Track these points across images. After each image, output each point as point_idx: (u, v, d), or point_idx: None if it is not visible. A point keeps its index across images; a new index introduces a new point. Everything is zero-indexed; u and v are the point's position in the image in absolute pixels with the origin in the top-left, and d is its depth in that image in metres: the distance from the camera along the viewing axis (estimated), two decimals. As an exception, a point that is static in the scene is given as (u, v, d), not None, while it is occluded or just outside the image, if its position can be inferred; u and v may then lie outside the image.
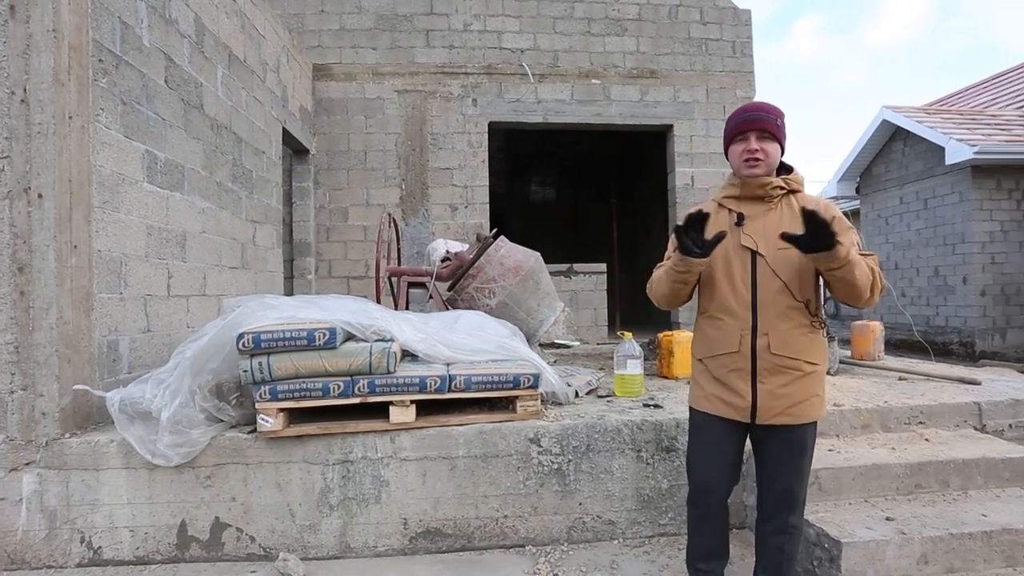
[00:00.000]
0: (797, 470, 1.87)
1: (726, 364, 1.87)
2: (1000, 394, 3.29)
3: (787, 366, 1.80)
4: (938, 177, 9.27)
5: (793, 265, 1.79)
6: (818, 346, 1.85)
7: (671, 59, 6.56)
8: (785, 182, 1.88)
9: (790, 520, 1.89)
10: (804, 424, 1.84)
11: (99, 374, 2.76)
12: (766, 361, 1.80)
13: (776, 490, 1.89)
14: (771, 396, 1.81)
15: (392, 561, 2.63)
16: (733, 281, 1.85)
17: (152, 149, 3.22)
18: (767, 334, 1.80)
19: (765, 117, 1.86)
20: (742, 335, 1.83)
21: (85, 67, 2.74)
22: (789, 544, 1.90)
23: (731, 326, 1.85)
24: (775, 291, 1.80)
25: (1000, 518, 2.43)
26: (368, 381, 2.62)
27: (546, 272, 4.25)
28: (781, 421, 1.82)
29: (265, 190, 4.81)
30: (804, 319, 1.81)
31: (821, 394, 1.87)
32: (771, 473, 1.90)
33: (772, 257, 1.81)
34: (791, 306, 1.80)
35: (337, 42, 6.18)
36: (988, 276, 8.80)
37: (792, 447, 1.85)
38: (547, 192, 12.06)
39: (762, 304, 1.81)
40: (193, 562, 2.57)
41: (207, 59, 3.86)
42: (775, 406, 1.81)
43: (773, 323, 1.80)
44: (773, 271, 1.80)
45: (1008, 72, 12.18)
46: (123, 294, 2.95)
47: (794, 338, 1.80)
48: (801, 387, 1.81)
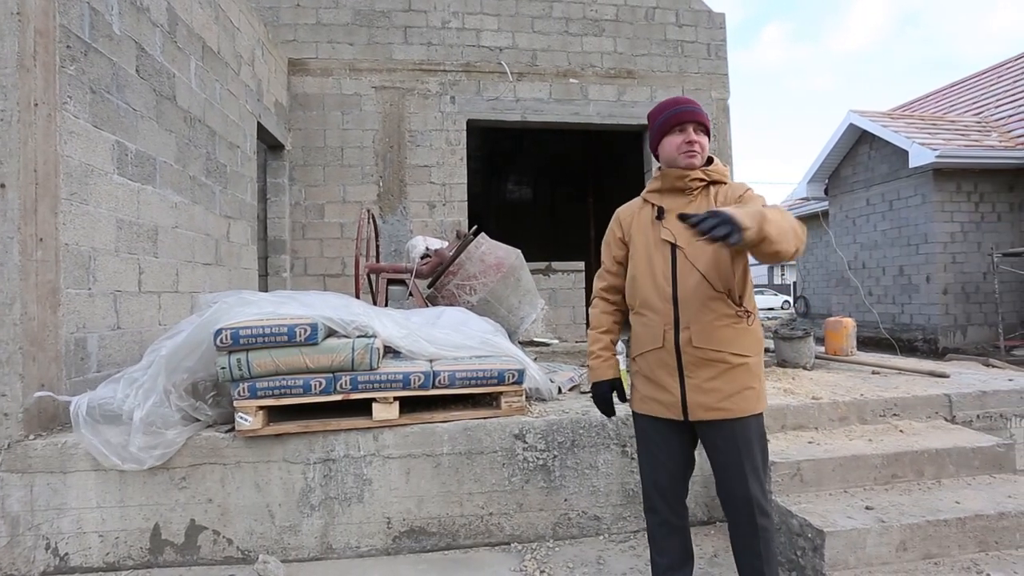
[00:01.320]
0: (748, 470, 1.78)
1: (652, 360, 1.84)
2: (968, 386, 3.41)
3: (712, 359, 1.76)
4: (902, 179, 9.58)
5: (710, 256, 1.77)
6: (746, 337, 1.80)
7: (648, 60, 6.63)
8: (705, 173, 1.87)
9: (758, 522, 1.80)
10: (742, 419, 1.78)
11: (66, 373, 2.64)
12: (690, 355, 1.77)
13: (734, 496, 1.81)
14: (699, 391, 1.77)
15: (375, 561, 2.58)
16: (655, 276, 1.83)
17: (123, 140, 3.10)
18: (688, 327, 1.77)
19: (699, 109, 1.89)
20: (665, 330, 1.80)
21: (52, 53, 2.62)
22: (762, 546, 1.81)
23: (655, 321, 1.82)
24: (694, 283, 1.78)
25: (972, 505, 2.50)
26: (351, 378, 2.57)
27: (527, 269, 4.24)
28: (714, 416, 1.77)
29: (240, 185, 4.69)
30: (727, 310, 1.78)
31: (757, 386, 1.80)
32: (723, 476, 1.83)
33: (690, 249, 1.79)
34: (711, 297, 1.77)
35: (313, 36, 6.08)
36: (950, 275, 9.12)
37: (736, 444, 1.78)
38: (524, 191, 12.07)
39: (682, 297, 1.78)
40: (167, 567, 2.48)
41: (180, 49, 3.74)
42: (704, 401, 1.77)
43: (694, 316, 1.77)
44: (691, 263, 1.79)
45: (965, 80, 12.67)
46: (92, 290, 2.83)
47: (717, 330, 1.76)
48: (730, 380, 1.76)
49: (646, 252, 1.86)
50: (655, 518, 1.94)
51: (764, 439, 1.87)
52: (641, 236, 1.90)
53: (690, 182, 1.86)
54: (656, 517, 1.94)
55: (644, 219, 1.91)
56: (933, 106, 12.41)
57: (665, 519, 1.92)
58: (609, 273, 2.01)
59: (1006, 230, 9.16)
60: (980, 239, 9.15)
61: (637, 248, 1.89)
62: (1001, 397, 3.30)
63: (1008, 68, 11.65)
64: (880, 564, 2.32)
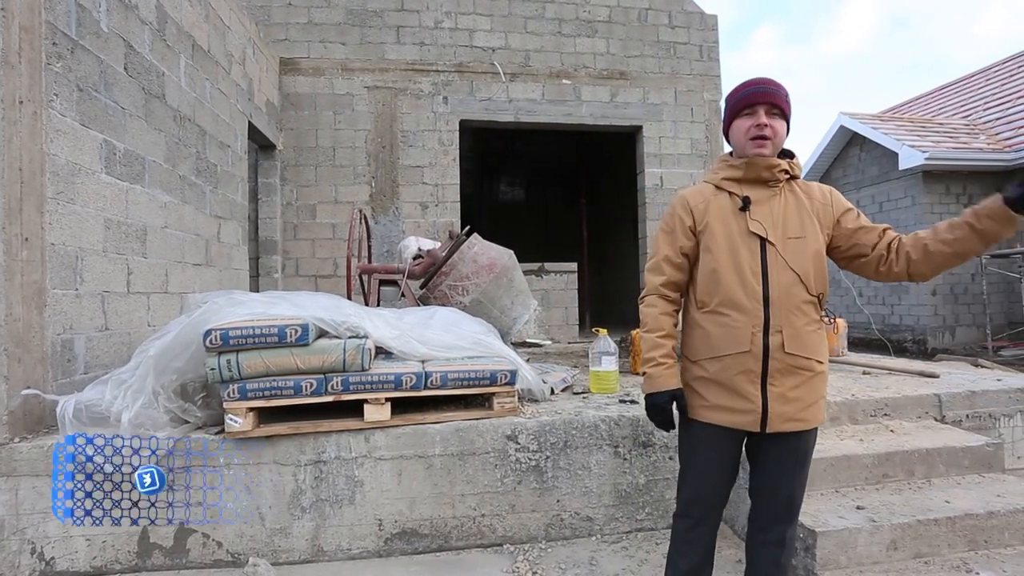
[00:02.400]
0: (799, 479, 1.73)
1: (733, 366, 1.66)
2: (957, 386, 3.43)
3: (800, 366, 1.64)
4: (892, 181, 9.66)
5: (808, 255, 1.66)
6: (825, 344, 1.72)
7: (640, 61, 6.64)
8: (791, 166, 1.73)
9: (788, 532, 1.75)
10: (810, 430, 1.71)
11: (53, 374, 2.61)
12: (779, 361, 1.63)
13: (777, 501, 1.74)
14: (782, 400, 1.64)
15: (367, 563, 2.56)
16: (742, 271, 1.66)
17: (111, 139, 3.06)
18: (780, 331, 1.63)
19: (776, 90, 1.69)
20: (753, 332, 1.63)
21: (37, 50, 2.59)
22: (785, 556, 1.75)
23: (740, 322, 1.65)
24: (789, 283, 1.64)
25: (962, 504, 2.52)
26: (342, 379, 2.55)
27: (519, 270, 4.23)
28: (790, 428, 1.66)
29: (230, 185, 4.65)
30: (815, 315, 1.67)
31: (825, 395, 1.74)
32: (772, 483, 1.74)
33: (784, 246, 1.65)
34: (805, 300, 1.65)
35: (305, 36, 6.04)
36: (938, 277, 9.20)
37: (796, 455, 1.70)
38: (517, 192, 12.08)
39: (775, 297, 1.63)
40: (156, 571, 2.45)
41: (169, 48, 3.70)
42: (785, 411, 1.65)
43: (787, 319, 1.63)
44: (785, 261, 1.64)
45: (953, 83, 12.80)
46: (79, 290, 2.80)
47: (808, 335, 1.65)
48: (811, 389, 1.66)
49: (729, 245, 1.68)
50: (686, 522, 1.82)
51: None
52: (722, 226, 1.71)
53: (779, 173, 1.70)
54: (687, 522, 1.82)
55: (723, 207, 1.72)
56: (922, 109, 12.53)
57: (698, 523, 1.81)
58: (671, 265, 1.78)
59: (994, 232, 9.24)
60: (969, 241, 9.24)
61: (717, 239, 1.70)
62: (990, 397, 3.33)
63: (996, 71, 11.79)
64: (871, 563, 2.33)
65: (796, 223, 1.70)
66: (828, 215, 1.74)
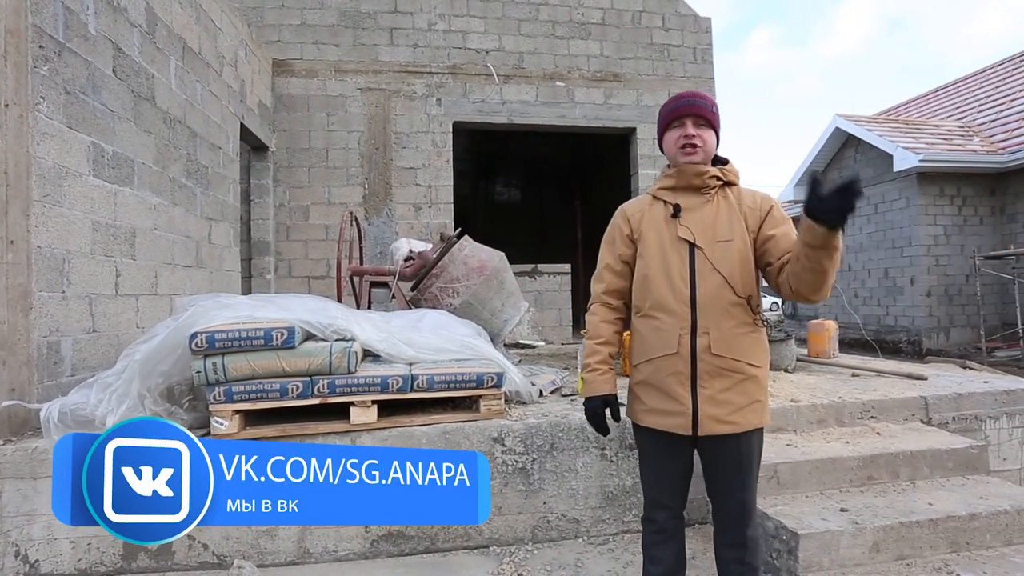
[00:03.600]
0: (746, 483, 1.74)
1: (664, 368, 1.71)
2: (944, 389, 3.44)
3: (729, 368, 1.66)
4: (887, 183, 9.69)
5: (734, 258, 1.69)
6: (760, 347, 1.72)
7: (634, 63, 6.65)
8: (723, 172, 1.77)
9: (747, 533, 1.76)
10: (748, 432, 1.70)
11: (38, 377, 2.61)
12: (706, 363, 1.66)
13: (728, 505, 1.77)
14: (712, 402, 1.67)
15: (353, 565, 2.56)
16: (670, 276, 1.71)
17: (99, 141, 3.07)
18: (707, 332, 1.66)
19: (701, 103, 1.77)
20: (681, 334, 1.67)
21: (23, 53, 2.59)
22: (750, 555, 1.77)
23: (668, 325, 1.69)
24: (715, 286, 1.67)
25: (945, 506, 2.53)
26: (328, 381, 2.55)
27: (510, 272, 4.24)
28: (723, 430, 1.67)
29: (222, 187, 4.65)
30: (746, 317, 1.69)
31: (763, 399, 1.72)
32: (722, 487, 1.77)
33: (711, 250, 1.69)
34: (733, 302, 1.67)
35: (298, 38, 6.05)
36: (933, 278, 9.24)
37: (740, 459, 1.72)
38: (512, 193, 12.09)
39: (702, 300, 1.67)
40: (141, 573, 2.45)
41: (159, 50, 3.71)
42: (716, 413, 1.67)
43: (714, 321, 1.66)
44: (712, 265, 1.68)
45: (948, 86, 12.84)
46: (66, 292, 2.80)
47: (736, 337, 1.67)
48: (742, 392, 1.67)
49: (660, 251, 1.74)
50: (651, 527, 1.85)
51: (761, 452, 1.80)
52: (654, 234, 1.77)
53: (708, 179, 1.74)
54: (652, 526, 1.85)
55: (656, 216, 1.78)
56: (917, 110, 12.57)
57: (661, 527, 1.83)
58: (612, 273, 1.84)
59: (988, 233, 9.28)
60: (963, 242, 9.28)
61: (649, 246, 1.76)
62: (976, 399, 3.34)
63: (991, 73, 11.83)
64: (853, 565, 2.34)
65: (725, 227, 1.72)
66: (755, 218, 1.74)
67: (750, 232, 1.74)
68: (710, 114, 1.77)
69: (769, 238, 1.72)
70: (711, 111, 1.77)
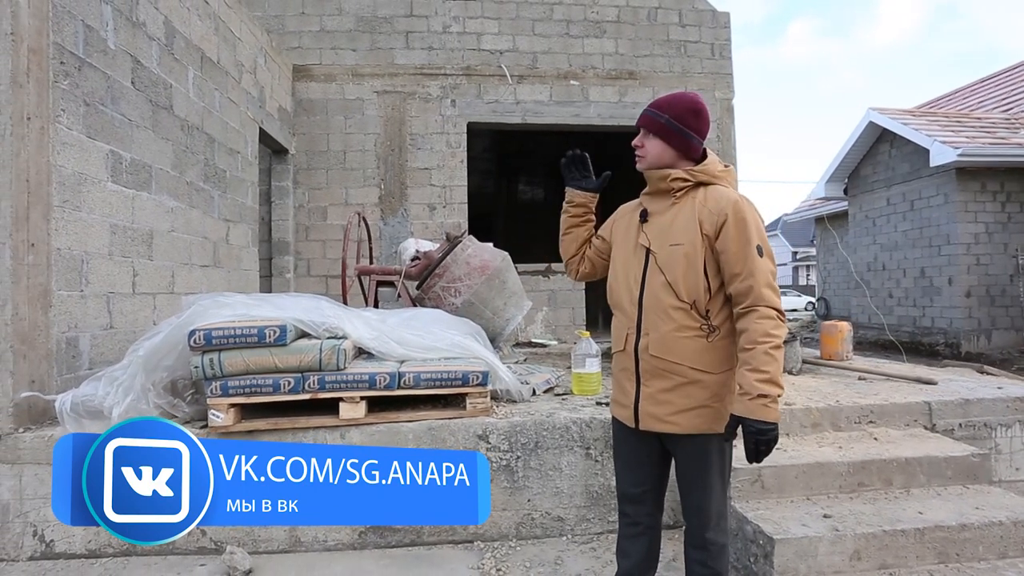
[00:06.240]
0: (703, 485, 1.75)
1: (618, 363, 1.84)
2: (951, 394, 3.33)
3: (667, 370, 1.71)
4: (924, 179, 9.31)
5: (680, 262, 1.71)
6: (710, 353, 1.71)
7: (650, 61, 6.60)
8: (689, 173, 1.75)
9: (707, 536, 1.77)
10: (696, 436, 1.72)
11: (57, 370, 2.81)
12: (646, 362, 1.74)
13: (688, 506, 1.81)
14: (651, 400, 1.74)
15: (342, 555, 2.67)
16: (627, 277, 1.81)
17: (117, 149, 3.26)
18: (648, 334, 1.73)
19: (647, 112, 1.82)
20: (628, 333, 1.78)
21: (45, 69, 2.78)
22: (711, 560, 1.78)
23: (622, 323, 1.81)
24: (658, 289, 1.73)
25: (935, 516, 2.46)
26: (318, 377, 2.67)
27: (513, 271, 4.29)
28: (664, 429, 1.73)
29: (240, 189, 4.85)
30: (690, 322, 1.70)
31: (715, 406, 1.71)
32: (682, 488, 1.81)
33: (661, 254, 1.74)
34: (675, 306, 1.70)
35: (317, 43, 6.23)
36: (973, 277, 8.83)
37: (695, 459, 1.75)
38: (535, 192, 12.11)
39: (647, 303, 1.74)
40: (144, 555, 2.62)
41: (177, 61, 3.90)
42: (655, 411, 1.73)
43: (654, 323, 1.73)
44: (660, 268, 1.73)
45: (996, 75, 12.21)
46: (84, 291, 3.00)
47: (676, 341, 1.70)
48: (685, 395, 1.70)
49: (624, 253, 1.85)
50: (624, 519, 1.91)
51: (725, 457, 1.79)
52: (622, 236, 1.88)
53: (671, 182, 1.77)
54: (625, 519, 1.90)
55: (629, 221, 1.88)
56: (960, 102, 12.00)
57: (634, 521, 1.88)
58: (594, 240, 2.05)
59: (1034, 231, 8.82)
60: (1007, 240, 8.84)
61: (618, 248, 1.88)
62: (986, 405, 3.22)
63: (1041, 61, 11.19)
64: (833, 573, 2.31)
65: (680, 231, 1.72)
66: (712, 224, 1.70)
67: (704, 236, 1.70)
68: (653, 123, 1.79)
69: (721, 253, 1.70)
70: (656, 121, 1.78)
